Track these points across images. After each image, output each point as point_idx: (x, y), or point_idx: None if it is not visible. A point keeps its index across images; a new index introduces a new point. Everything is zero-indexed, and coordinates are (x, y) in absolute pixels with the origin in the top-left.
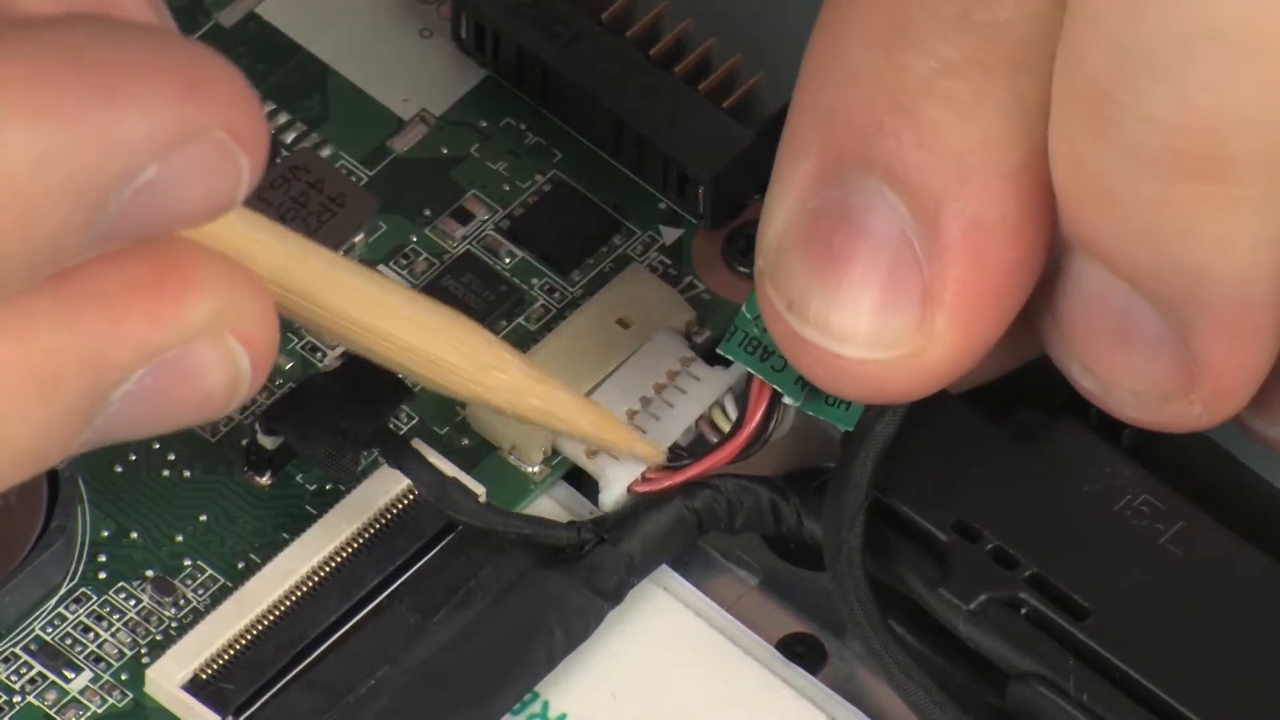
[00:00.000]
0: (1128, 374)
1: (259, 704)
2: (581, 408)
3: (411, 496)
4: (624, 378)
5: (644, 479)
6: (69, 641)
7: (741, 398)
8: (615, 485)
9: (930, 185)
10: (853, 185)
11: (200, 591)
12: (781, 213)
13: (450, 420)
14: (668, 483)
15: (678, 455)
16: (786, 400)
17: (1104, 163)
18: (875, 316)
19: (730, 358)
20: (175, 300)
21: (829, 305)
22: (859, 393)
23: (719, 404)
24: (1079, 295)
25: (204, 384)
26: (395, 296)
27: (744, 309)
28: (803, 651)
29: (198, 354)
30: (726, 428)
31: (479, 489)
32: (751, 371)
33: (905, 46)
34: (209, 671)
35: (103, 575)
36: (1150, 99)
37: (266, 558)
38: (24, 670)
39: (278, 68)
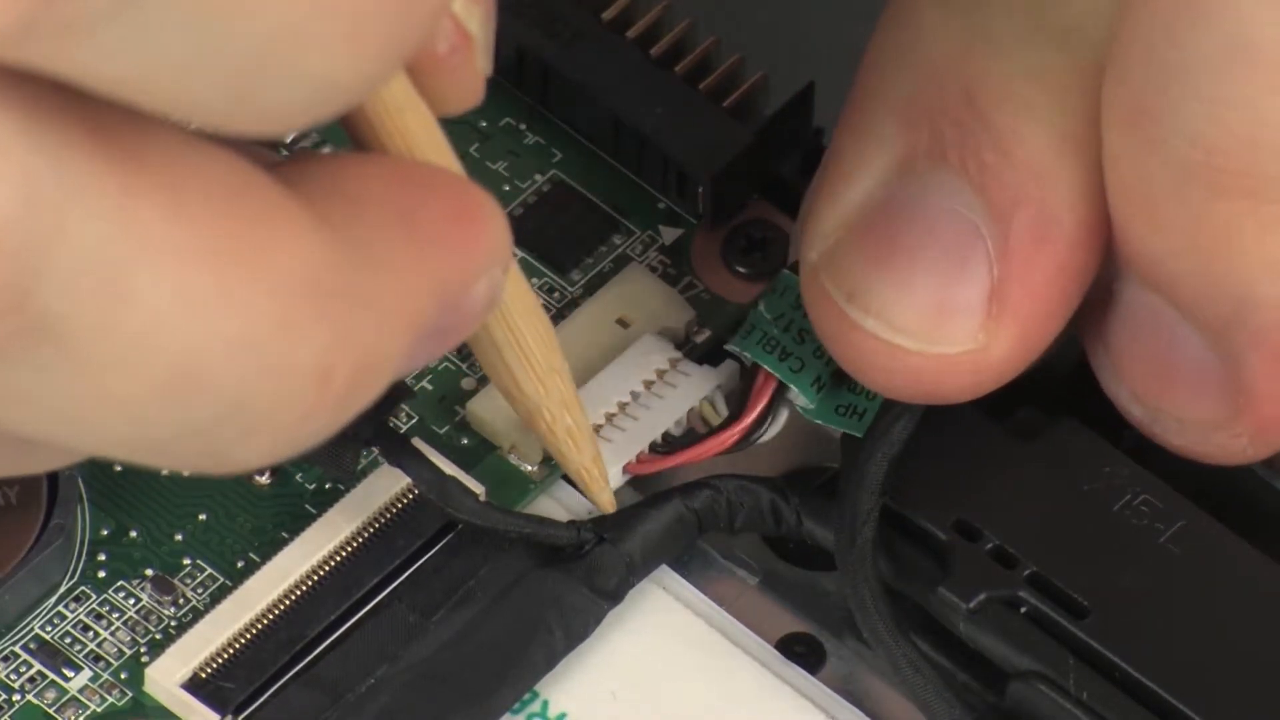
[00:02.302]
0: (1174, 402)
1: (258, 703)
2: (593, 440)
3: (411, 495)
4: (611, 376)
5: (638, 460)
6: (68, 640)
7: (732, 395)
8: (609, 468)
9: (1006, 188)
10: (926, 181)
11: (200, 590)
12: (843, 204)
13: (450, 419)
14: (659, 466)
15: (670, 444)
16: (801, 401)
17: (1147, 178)
18: (941, 312)
19: (746, 354)
20: (480, 225)
21: (894, 297)
22: (912, 389)
23: (709, 399)
24: (1128, 320)
25: (477, 312)
26: (518, 268)
27: (761, 308)
28: (802, 651)
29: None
30: (716, 423)
31: (478, 488)
32: (767, 369)
33: (986, 48)
34: (209, 670)
35: (102, 574)
36: (1189, 116)
37: (266, 556)
38: (23, 669)
39: None
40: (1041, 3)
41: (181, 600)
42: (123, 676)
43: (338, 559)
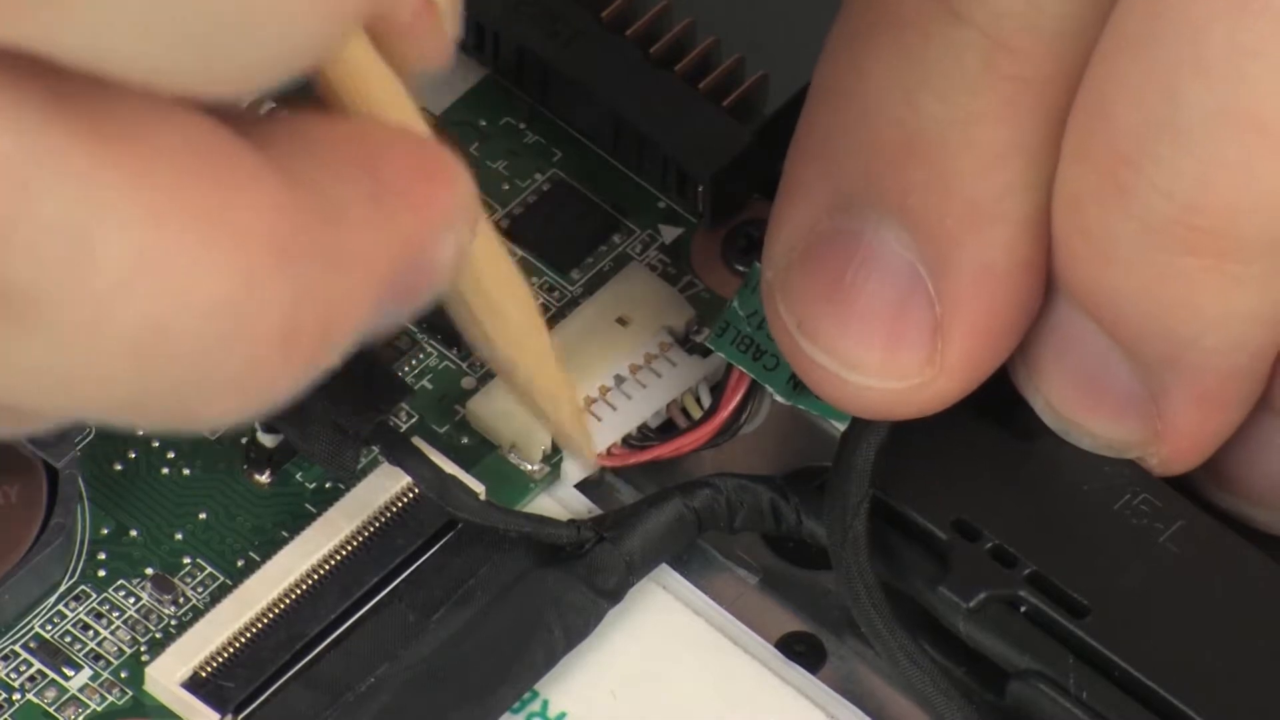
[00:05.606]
0: (1093, 421)
1: (258, 702)
2: (571, 397)
3: (411, 494)
4: (596, 357)
5: (609, 454)
6: (68, 639)
7: (717, 387)
8: None
9: (944, 228)
10: (864, 217)
11: (200, 589)
12: (790, 228)
13: (450, 418)
14: (632, 460)
15: (646, 437)
16: (778, 398)
17: (1112, 226)
18: (886, 349)
19: (719, 354)
20: (443, 183)
21: (839, 333)
22: (865, 413)
23: (693, 391)
24: (1055, 339)
25: (441, 271)
26: (492, 231)
27: (734, 305)
28: (802, 650)
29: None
30: (698, 415)
31: (478, 487)
32: (741, 369)
33: (929, 92)
34: (209, 669)
35: (102, 573)
36: (1174, 173)
37: (266, 556)
38: (23, 668)
39: None
40: (991, 49)
41: (181, 599)
42: (123, 675)
43: (338, 558)
